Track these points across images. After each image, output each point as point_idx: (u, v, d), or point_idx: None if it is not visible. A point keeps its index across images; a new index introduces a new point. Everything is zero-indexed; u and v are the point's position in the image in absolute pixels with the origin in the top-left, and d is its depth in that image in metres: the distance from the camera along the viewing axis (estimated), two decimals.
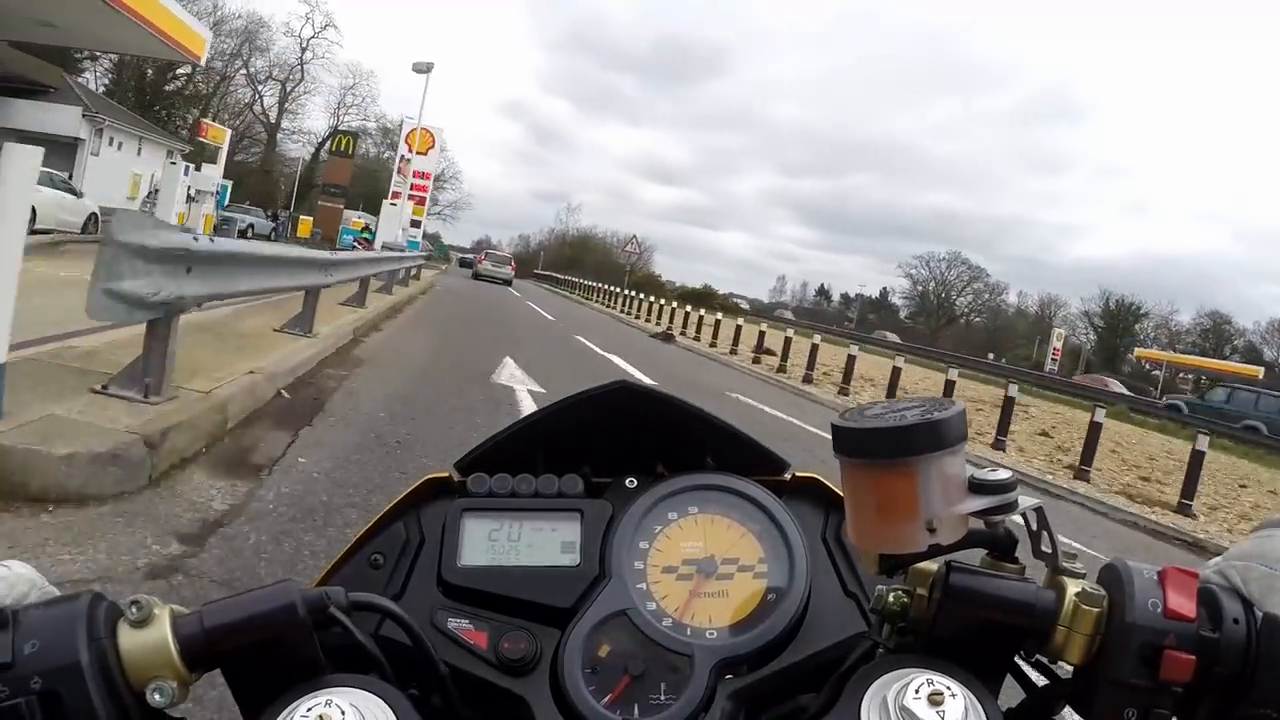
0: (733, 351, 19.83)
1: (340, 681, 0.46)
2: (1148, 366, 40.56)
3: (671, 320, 25.62)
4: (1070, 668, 0.48)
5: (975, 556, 0.51)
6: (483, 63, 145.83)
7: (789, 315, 67.81)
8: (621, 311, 32.60)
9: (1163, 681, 0.44)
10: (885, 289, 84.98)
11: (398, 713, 0.45)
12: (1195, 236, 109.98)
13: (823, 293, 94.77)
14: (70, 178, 26.44)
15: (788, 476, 0.73)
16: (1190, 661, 0.43)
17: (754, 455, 0.73)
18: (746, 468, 0.71)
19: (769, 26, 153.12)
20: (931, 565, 0.50)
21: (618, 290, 36.84)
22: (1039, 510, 0.49)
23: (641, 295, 32.23)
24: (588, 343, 15.46)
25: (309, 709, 0.43)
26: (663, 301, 29.51)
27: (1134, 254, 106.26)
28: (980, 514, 0.47)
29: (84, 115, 27.36)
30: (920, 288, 75.66)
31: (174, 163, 21.75)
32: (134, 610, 0.45)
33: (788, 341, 17.75)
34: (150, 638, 0.45)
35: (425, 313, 15.64)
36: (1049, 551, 0.50)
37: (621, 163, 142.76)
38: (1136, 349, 55.67)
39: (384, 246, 18.53)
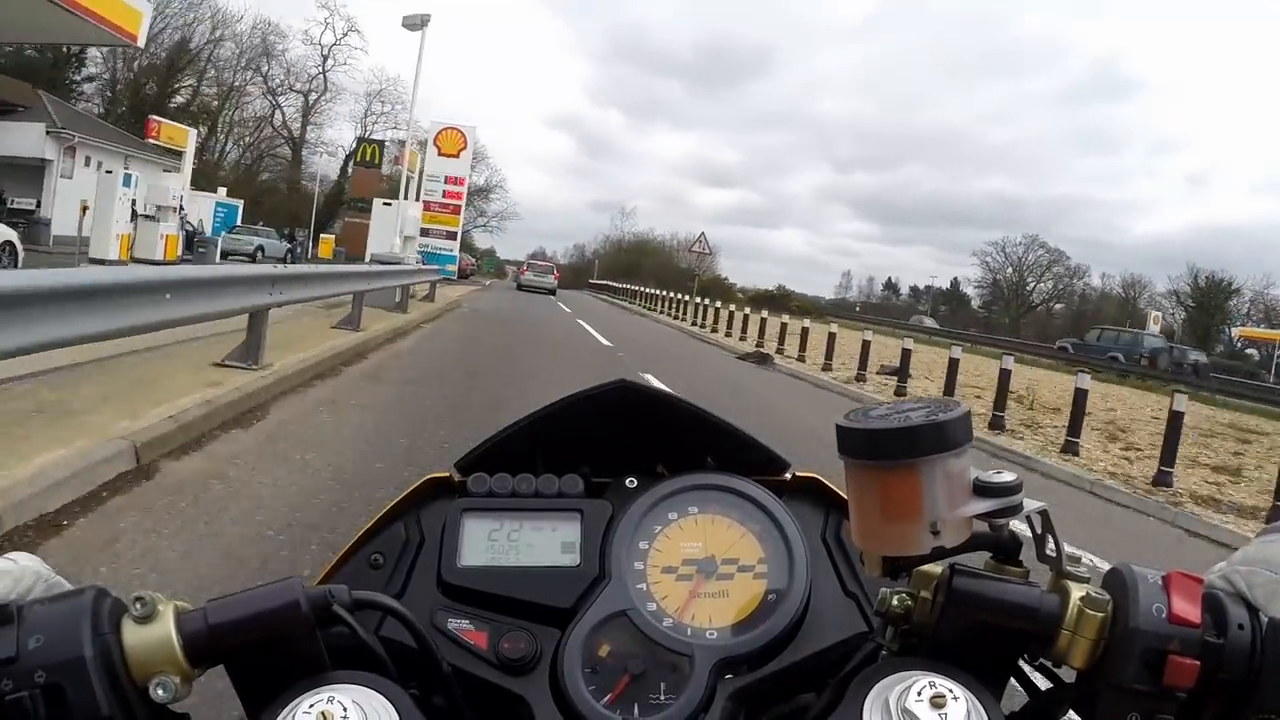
0: (859, 378, 13.86)
1: (342, 679, 0.46)
2: (1240, 345, 34.78)
3: (761, 334, 19.10)
4: (1074, 672, 0.48)
5: (979, 560, 0.50)
6: (530, 78, 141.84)
7: (929, 322, 51.40)
8: (693, 324, 26.30)
9: (1166, 687, 0.43)
10: (956, 279, 77.78)
11: (400, 710, 0.45)
12: (1258, 206, 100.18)
13: (890, 286, 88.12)
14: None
15: (788, 476, 0.73)
16: (1194, 667, 0.43)
17: (754, 455, 0.73)
18: (747, 468, 0.71)
19: (810, 21, 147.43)
20: (935, 568, 0.50)
21: (684, 298, 30.97)
22: (1044, 513, 0.49)
23: (719, 304, 26.26)
24: (665, 388, 10.10)
25: (311, 705, 0.43)
26: (746, 311, 23.59)
27: (1198, 227, 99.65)
28: (984, 517, 0.47)
29: (48, 133, 23.42)
30: (995, 275, 68.16)
31: (109, 171, 17.48)
32: (138, 606, 0.45)
33: (954, 364, 11.92)
34: (154, 633, 0.45)
35: (414, 351, 10.63)
36: (1053, 555, 0.49)
37: (674, 168, 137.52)
38: (1236, 328, 50.95)
39: (373, 259, 14.01)
